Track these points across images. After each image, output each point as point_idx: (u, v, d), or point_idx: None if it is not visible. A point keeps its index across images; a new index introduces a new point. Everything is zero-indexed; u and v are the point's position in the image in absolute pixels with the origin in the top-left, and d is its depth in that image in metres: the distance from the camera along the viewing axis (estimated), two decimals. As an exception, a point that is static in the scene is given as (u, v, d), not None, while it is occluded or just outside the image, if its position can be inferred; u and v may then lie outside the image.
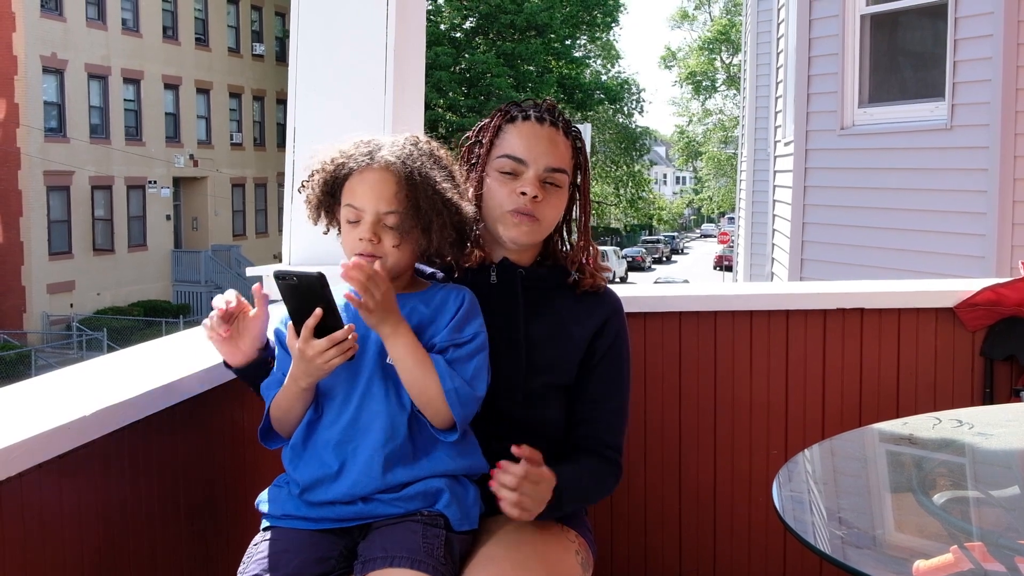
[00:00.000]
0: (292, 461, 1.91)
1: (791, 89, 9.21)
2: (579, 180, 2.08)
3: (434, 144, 1.94)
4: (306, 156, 1.97)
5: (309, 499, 1.87)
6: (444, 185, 1.85)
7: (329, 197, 1.89)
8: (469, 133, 2.09)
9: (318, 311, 1.76)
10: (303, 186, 1.94)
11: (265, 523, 1.91)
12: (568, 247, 2.12)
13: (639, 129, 42.56)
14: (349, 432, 1.85)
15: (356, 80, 2.84)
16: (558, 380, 2.04)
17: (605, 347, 2.06)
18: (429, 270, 2.03)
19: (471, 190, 1.99)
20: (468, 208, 1.90)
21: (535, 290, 2.04)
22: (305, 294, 1.77)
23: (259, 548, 1.84)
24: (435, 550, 1.79)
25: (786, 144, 9.60)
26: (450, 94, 32.70)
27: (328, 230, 1.92)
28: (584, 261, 2.09)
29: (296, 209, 2.73)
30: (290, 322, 1.81)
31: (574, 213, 2.10)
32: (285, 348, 1.91)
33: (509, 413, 1.99)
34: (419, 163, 1.84)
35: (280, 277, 1.77)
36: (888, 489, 2.12)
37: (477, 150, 2.05)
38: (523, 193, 1.97)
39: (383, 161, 1.83)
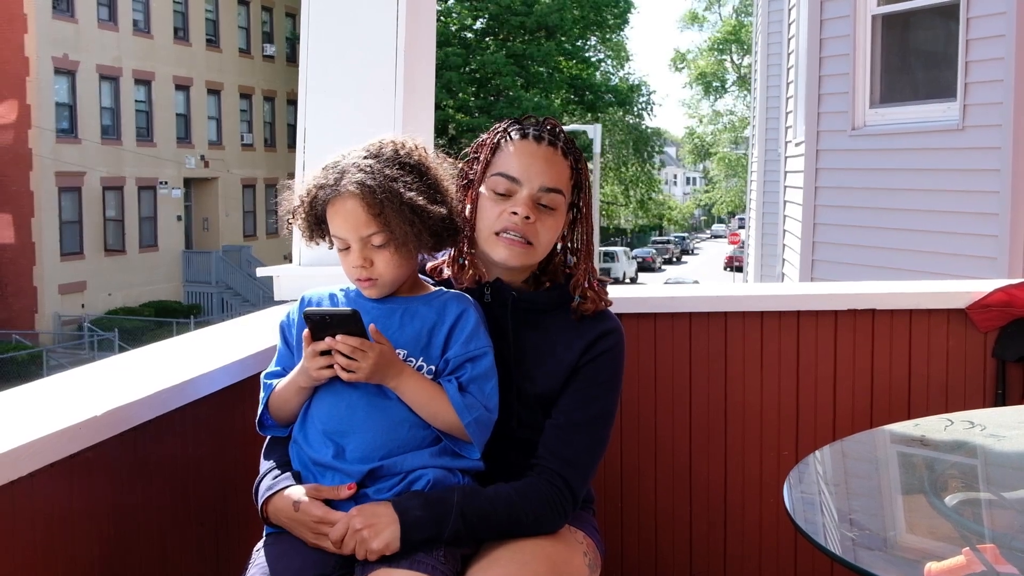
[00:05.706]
0: (294, 450, 1.94)
1: (802, 89, 9.19)
2: (579, 201, 2.00)
3: (398, 143, 1.92)
4: (316, 157, 1.98)
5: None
6: (410, 194, 1.84)
7: (317, 225, 1.92)
8: (468, 149, 2.04)
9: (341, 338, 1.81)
10: (289, 223, 1.96)
11: (267, 530, 1.93)
12: (568, 265, 2.03)
13: (649, 131, 42.46)
14: (348, 421, 1.86)
15: (366, 81, 2.84)
16: (544, 400, 1.98)
17: (585, 362, 1.97)
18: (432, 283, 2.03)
19: (466, 208, 1.96)
20: (438, 211, 1.86)
21: (529, 311, 2.00)
22: (334, 330, 1.81)
23: (259, 554, 1.86)
24: (434, 550, 1.79)
25: (797, 144, 9.57)
26: (460, 95, 32.72)
27: (332, 246, 1.94)
28: (587, 285, 2.00)
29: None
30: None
31: (575, 234, 2.02)
32: (287, 343, 1.97)
33: (499, 431, 1.94)
34: (381, 178, 1.83)
35: (309, 317, 1.81)
36: (900, 491, 2.12)
37: (475, 167, 1.99)
38: (514, 213, 1.91)
39: (346, 190, 1.84)
